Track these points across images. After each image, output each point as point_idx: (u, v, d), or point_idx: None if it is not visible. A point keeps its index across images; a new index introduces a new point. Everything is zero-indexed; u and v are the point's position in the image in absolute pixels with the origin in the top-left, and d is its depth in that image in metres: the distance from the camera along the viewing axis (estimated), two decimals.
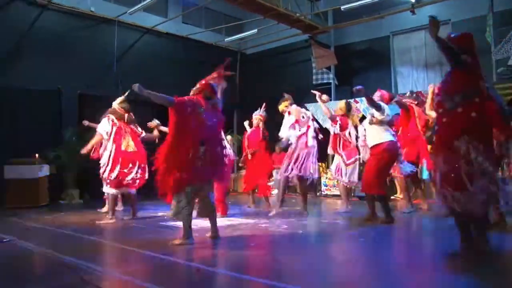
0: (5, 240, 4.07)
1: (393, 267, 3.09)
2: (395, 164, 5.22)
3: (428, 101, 5.42)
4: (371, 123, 4.94)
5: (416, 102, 6.13)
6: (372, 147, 4.91)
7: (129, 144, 5.55)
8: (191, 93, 4.11)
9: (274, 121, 6.27)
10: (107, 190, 5.45)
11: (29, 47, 8.78)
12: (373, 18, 10.10)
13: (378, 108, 4.84)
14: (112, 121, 5.58)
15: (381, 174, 4.83)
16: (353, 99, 8.61)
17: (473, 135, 2.93)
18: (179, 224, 5.17)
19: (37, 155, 7.95)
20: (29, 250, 3.73)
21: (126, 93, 5.74)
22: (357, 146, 6.35)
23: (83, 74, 9.49)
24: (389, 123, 5.02)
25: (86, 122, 6.94)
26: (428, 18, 3.07)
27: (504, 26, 8.34)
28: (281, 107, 5.99)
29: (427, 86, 9.57)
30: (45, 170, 7.83)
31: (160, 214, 6.08)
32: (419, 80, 10.14)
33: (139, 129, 5.94)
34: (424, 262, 3.20)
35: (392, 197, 7.78)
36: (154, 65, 10.64)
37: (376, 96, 5.11)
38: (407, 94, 6.36)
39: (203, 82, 4.12)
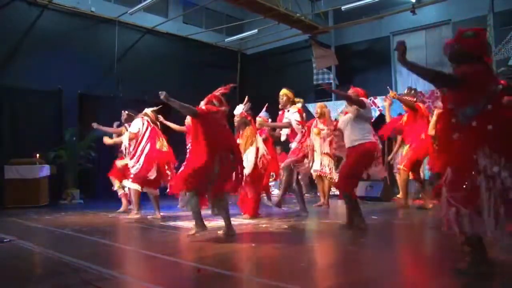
0: (5, 240, 4.07)
1: (394, 268, 3.08)
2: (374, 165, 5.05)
3: (432, 122, 5.40)
4: (356, 118, 4.49)
5: (415, 99, 6.06)
6: (352, 147, 4.47)
7: (163, 144, 5.66)
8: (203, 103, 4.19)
9: (274, 120, 6.25)
10: (131, 185, 5.49)
11: (30, 47, 8.79)
12: (373, 18, 10.11)
13: (362, 105, 4.45)
14: (148, 121, 5.66)
15: (354, 175, 4.48)
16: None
17: (493, 148, 2.56)
18: (179, 224, 5.21)
19: (37, 155, 7.95)
20: (29, 250, 3.72)
21: (158, 108, 5.90)
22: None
23: (84, 74, 9.50)
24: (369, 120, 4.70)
25: (95, 125, 6.74)
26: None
27: (505, 26, 8.35)
28: (284, 92, 5.69)
29: (427, 86, 9.60)
30: (45, 170, 7.82)
31: (161, 214, 6.07)
32: (419, 80, 10.10)
33: None
34: (425, 262, 3.20)
35: (394, 198, 7.79)
36: (154, 65, 10.66)
37: (350, 93, 4.72)
38: (406, 91, 6.25)
39: (212, 95, 4.21)
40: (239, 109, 5.62)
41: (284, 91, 5.63)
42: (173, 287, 2.69)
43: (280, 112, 5.73)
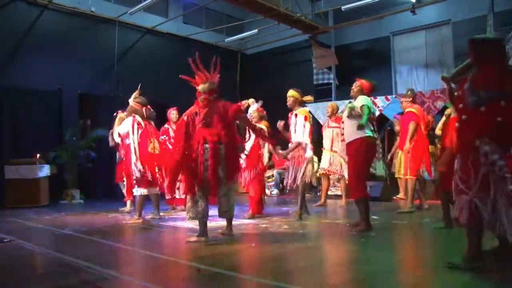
0: (5, 240, 4.07)
1: (394, 268, 3.08)
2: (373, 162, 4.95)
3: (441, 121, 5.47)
4: (349, 116, 4.50)
5: (410, 99, 6.13)
6: (349, 144, 4.47)
7: (155, 146, 5.50)
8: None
9: (274, 120, 6.26)
10: (137, 191, 5.40)
11: (30, 47, 8.78)
12: (373, 18, 10.10)
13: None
14: (138, 124, 5.44)
15: (361, 175, 4.40)
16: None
17: (494, 139, 2.63)
18: (179, 224, 5.21)
19: (37, 155, 7.95)
20: (29, 250, 3.72)
21: (139, 87, 5.72)
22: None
23: (84, 74, 9.50)
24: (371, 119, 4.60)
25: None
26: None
27: (505, 27, 8.34)
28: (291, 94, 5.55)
29: (427, 86, 9.61)
30: (45, 170, 7.83)
31: (160, 214, 6.07)
32: (419, 80, 10.14)
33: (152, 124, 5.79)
34: (424, 262, 3.20)
35: (394, 198, 7.80)
36: (154, 65, 10.65)
37: (356, 87, 4.69)
38: (408, 93, 6.25)
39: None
40: (255, 106, 5.87)
41: (291, 93, 5.50)
42: (173, 287, 2.69)
43: (289, 114, 5.68)
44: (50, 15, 9.24)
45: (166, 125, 6.71)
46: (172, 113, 6.73)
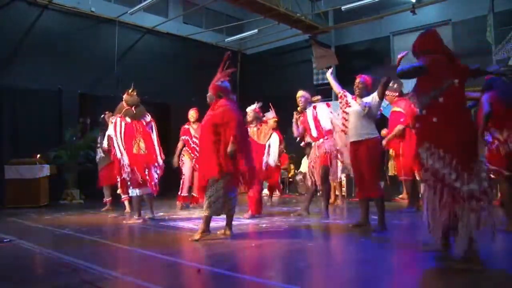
0: (5, 240, 4.07)
1: (393, 268, 3.08)
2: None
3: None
4: (363, 114, 4.46)
5: (397, 93, 6.09)
6: (362, 141, 4.37)
7: (140, 147, 5.37)
8: (208, 100, 4.25)
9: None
10: (132, 192, 5.39)
11: (30, 47, 8.79)
12: (373, 18, 10.11)
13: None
14: (125, 123, 5.36)
15: (378, 173, 4.47)
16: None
17: (436, 143, 2.61)
18: (179, 224, 5.21)
19: (37, 155, 7.95)
20: (29, 250, 3.72)
21: (132, 86, 5.68)
22: None
23: (84, 74, 9.51)
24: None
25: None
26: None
27: (505, 27, 8.34)
28: (302, 94, 5.75)
29: None
30: (45, 170, 7.82)
31: (160, 214, 6.08)
32: None
33: (148, 118, 5.60)
34: (424, 262, 3.19)
35: (396, 198, 7.81)
36: (154, 65, 10.66)
37: (361, 84, 4.73)
38: (395, 86, 6.06)
39: (211, 86, 4.24)
40: (253, 106, 5.92)
41: (302, 93, 5.66)
42: (173, 287, 2.69)
43: (296, 113, 5.76)
44: (50, 15, 9.25)
45: (186, 125, 6.75)
46: (190, 113, 6.78)
